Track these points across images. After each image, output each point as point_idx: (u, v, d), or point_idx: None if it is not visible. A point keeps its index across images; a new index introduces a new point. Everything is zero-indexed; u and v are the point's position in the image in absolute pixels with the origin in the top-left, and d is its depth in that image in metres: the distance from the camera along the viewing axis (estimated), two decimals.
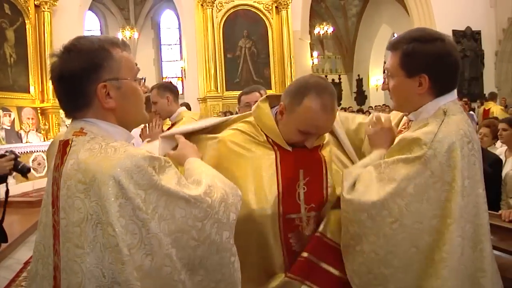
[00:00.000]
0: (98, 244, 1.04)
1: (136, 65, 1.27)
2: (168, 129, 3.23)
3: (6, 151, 2.61)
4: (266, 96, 1.75)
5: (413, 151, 1.39)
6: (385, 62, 1.78)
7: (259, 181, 1.61)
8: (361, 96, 20.11)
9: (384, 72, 1.58)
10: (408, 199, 1.36)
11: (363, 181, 1.46)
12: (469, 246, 1.37)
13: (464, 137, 1.39)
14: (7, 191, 2.59)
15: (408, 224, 1.36)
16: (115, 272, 1.03)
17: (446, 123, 1.41)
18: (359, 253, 1.44)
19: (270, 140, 1.66)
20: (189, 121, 3.10)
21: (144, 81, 1.34)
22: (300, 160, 1.64)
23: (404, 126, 1.64)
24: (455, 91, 1.51)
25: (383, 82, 1.60)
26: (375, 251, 1.40)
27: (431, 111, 1.47)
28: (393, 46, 1.51)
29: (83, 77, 1.14)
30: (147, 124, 3.06)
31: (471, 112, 10.59)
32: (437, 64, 1.43)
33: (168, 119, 3.34)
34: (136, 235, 1.04)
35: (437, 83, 1.45)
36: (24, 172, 2.57)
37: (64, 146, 1.17)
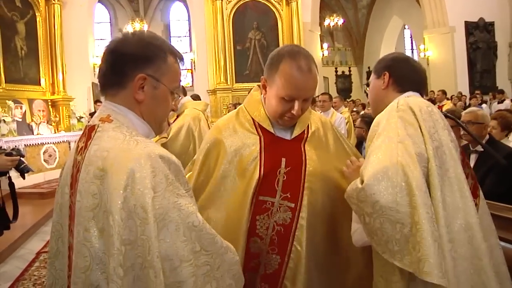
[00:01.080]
0: (105, 231, 1.06)
1: (180, 81, 1.33)
2: (174, 120, 3.25)
3: (13, 149, 2.65)
4: (258, 86, 1.81)
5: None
6: None
7: (241, 157, 1.68)
8: None
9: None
10: None
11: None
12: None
13: (423, 103, 1.57)
14: (11, 184, 2.62)
15: None
16: (105, 263, 1.05)
17: (403, 97, 1.60)
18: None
19: (256, 124, 1.73)
20: (191, 113, 3.10)
21: (179, 98, 1.36)
22: (284, 149, 1.69)
23: None
24: (419, 94, 1.68)
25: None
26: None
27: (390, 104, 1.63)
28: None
29: (130, 61, 1.19)
30: None
31: (483, 105, 10.44)
32: (396, 64, 1.70)
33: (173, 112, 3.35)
34: (133, 232, 1.02)
35: (397, 80, 1.67)
36: (23, 172, 2.62)
37: (90, 131, 1.20)
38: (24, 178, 2.71)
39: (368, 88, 1.83)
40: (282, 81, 1.59)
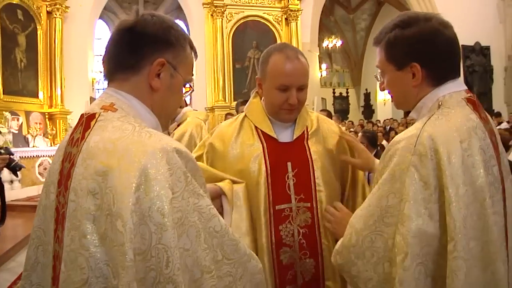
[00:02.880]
0: (108, 238, 0.89)
1: (193, 75, 1.22)
2: (175, 129, 3.22)
3: (1, 148, 2.62)
4: (256, 92, 1.83)
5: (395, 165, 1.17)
6: None
7: (246, 171, 1.68)
8: (368, 110, 20.08)
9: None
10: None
11: None
12: (476, 267, 1.09)
13: (456, 134, 1.14)
14: (1, 186, 2.57)
15: None
16: (114, 275, 0.88)
17: (434, 119, 1.18)
18: None
19: (259, 131, 1.74)
20: (193, 121, 3.07)
21: (190, 92, 1.28)
22: (287, 153, 1.71)
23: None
24: (460, 79, 1.28)
25: (379, 82, 1.41)
26: None
27: (429, 104, 1.25)
28: (376, 40, 1.35)
29: (151, 42, 1.06)
30: None
31: None
32: (426, 48, 1.21)
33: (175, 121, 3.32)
34: (145, 240, 0.86)
35: (433, 70, 1.23)
36: (15, 170, 2.58)
37: (88, 120, 1.03)
38: (17, 175, 2.67)
39: (381, 79, 1.37)
40: (274, 72, 1.65)
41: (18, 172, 2.65)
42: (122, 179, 0.89)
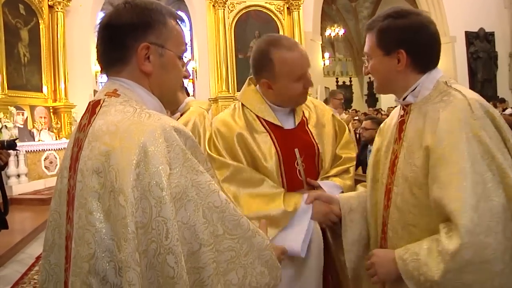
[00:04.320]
0: (112, 214, 0.93)
1: (186, 44, 1.19)
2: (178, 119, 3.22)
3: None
4: (249, 79, 1.81)
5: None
6: None
7: (260, 161, 1.69)
8: (372, 99, 19.99)
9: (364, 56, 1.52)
10: None
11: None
12: None
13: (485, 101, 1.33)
14: (1, 182, 2.61)
15: None
16: (118, 249, 0.91)
17: (463, 90, 1.34)
18: None
19: (262, 120, 1.72)
20: (197, 110, 3.08)
21: (188, 63, 1.27)
22: (294, 139, 1.73)
23: (402, 118, 1.47)
24: (439, 69, 1.44)
25: (364, 66, 1.53)
26: None
27: (430, 85, 1.40)
28: (369, 27, 1.47)
29: (130, 31, 1.08)
30: None
31: None
32: (413, 37, 1.37)
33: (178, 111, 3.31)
34: (146, 214, 0.91)
35: (417, 58, 1.39)
36: (12, 146, 2.61)
37: (94, 106, 1.08)
38: (14, 149, 2.71)
39: (367, 63, 1.50)
40: (286, 68, 1.63)
41: (18, 149, 2.71)
42: (124, 157, 0.93)
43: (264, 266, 1.08)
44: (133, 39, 1.08)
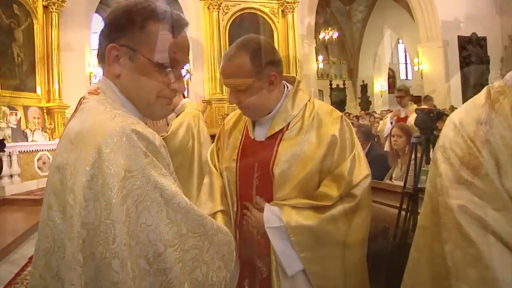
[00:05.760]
0: (65, 211, 0.94)
1: (175, 52, 1.10)
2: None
3: None
4: None
5: None
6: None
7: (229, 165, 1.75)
8: (365, 102, 20.09)
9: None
10: None
11: None
12: None
13: None
14: None
15: None
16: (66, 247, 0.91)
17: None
18: None
19: (247, 126, 1.76)
20: (191, 112, 3.12)
21: (185, 77, 1.21)
22: (256, 152, 1.67)
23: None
24: None
25: None
26: None
27: None
28: None
29: (105, 31, 1.10)
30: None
31: None
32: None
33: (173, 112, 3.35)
34: (97, 216, 0.89)
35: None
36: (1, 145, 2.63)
37: (78, 104, 1.12)
38: (2, 149, 2.72)
39: None
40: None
41: (5, 149, 2.72)
42: (81, 156, 0.94)
43: (221, 260, 1.10)
44: (106, 39, 1.09)
